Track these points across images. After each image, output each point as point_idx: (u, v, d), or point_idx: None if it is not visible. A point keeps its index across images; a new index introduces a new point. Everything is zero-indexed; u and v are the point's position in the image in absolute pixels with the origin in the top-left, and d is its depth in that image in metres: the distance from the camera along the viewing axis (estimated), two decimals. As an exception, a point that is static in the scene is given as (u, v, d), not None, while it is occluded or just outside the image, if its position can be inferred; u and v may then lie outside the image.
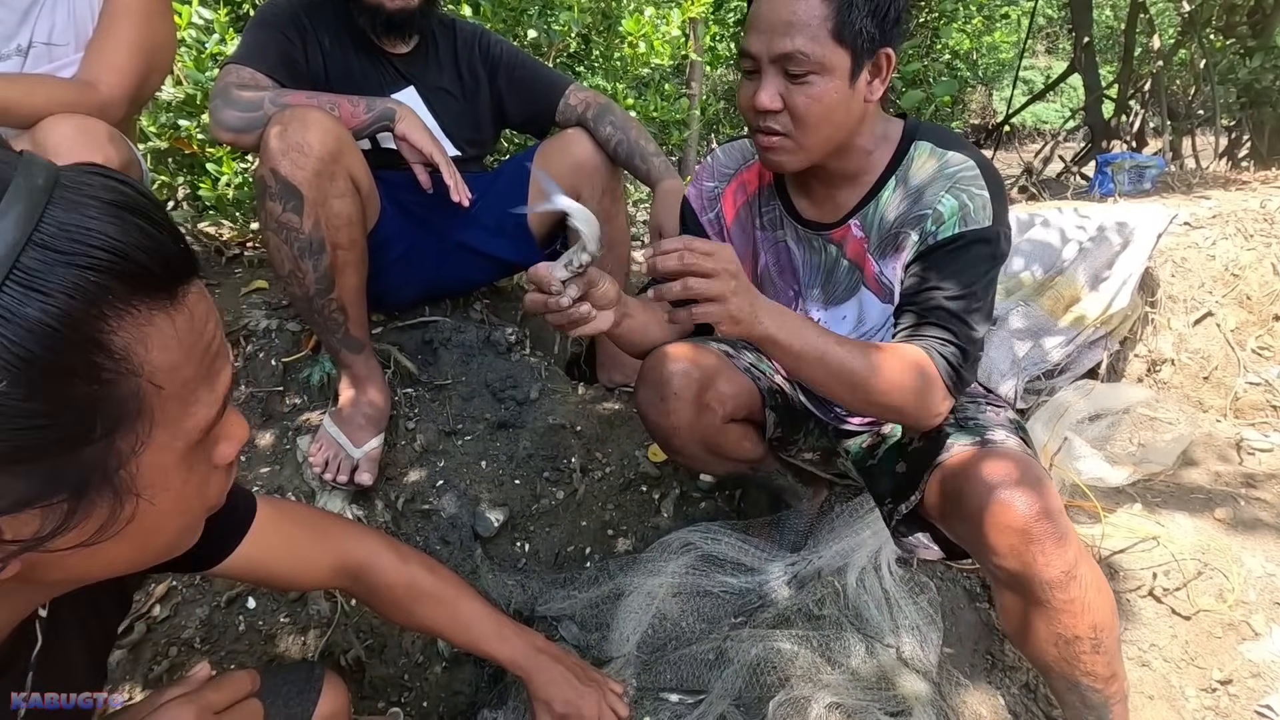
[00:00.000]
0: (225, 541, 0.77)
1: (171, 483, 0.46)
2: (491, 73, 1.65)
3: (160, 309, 0.42)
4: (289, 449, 1.49)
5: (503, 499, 1.49)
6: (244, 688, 0.60)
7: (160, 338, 0.42)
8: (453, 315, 1.79)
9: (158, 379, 0.42)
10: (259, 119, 1.28)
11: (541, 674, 0.98)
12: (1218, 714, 1.17)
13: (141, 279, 0.41)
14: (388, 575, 0.90)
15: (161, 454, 0.45)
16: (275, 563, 0.82)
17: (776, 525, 1.44)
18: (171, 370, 0.43)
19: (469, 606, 0.96)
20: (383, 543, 0.93)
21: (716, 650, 1.25)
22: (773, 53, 0.94)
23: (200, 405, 0.46)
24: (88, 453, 0.41)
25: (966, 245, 0.97)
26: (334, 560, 0.87)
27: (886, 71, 0.97)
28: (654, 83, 3.20)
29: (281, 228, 1.25)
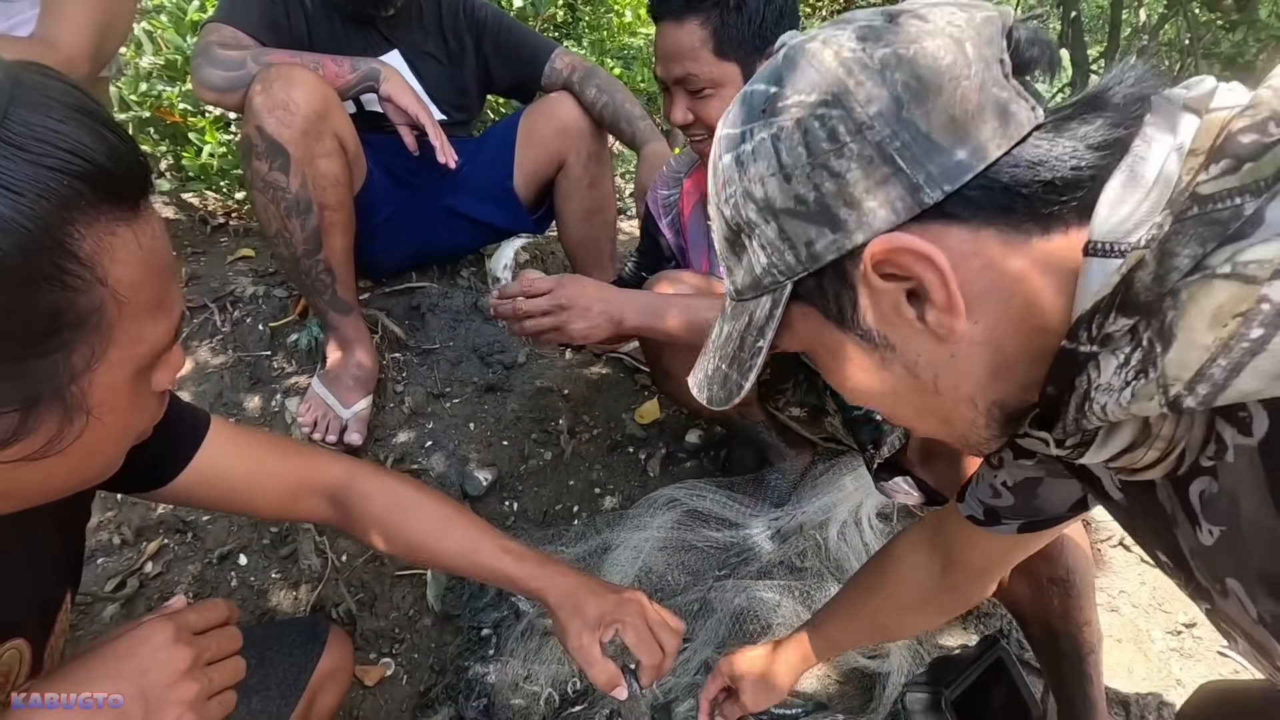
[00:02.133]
0: (176, 455, 0.73)
1: (119, 403, 0.46)
2: (477, 37, 1.64)
3: (124, 220, 0.42)
4: (278, 411, 1.50)
5: (491, 459, 1.51)
6: (221, 614, 0.60)
7: (124, 250, 0.42)
8: (440, 281, 1.80)
9: (120, 293, 0.42)
10: (242, 78, 1.27)
11: (560, 586, 0.80)
12: (1182, 655, 1.22)
13: (108, 187, 0.40)
14: (368, 490, 0.80)
15: (113, 372, 0.44)
16: (236, 480, 0.75)
17: (760, 483, 1.47)
18: (133, 286, 0.43)
19: (464, 521, 0.83)
20: (359, 462, 0.85)
21: (701, 601, 1.28)
22: (671, 76, 1.08)
23: (156, 327, 0.46)
24: (43, 364, 0.40)
25: None
26: (304, 477, 0.79)
27: None
28: (642, 54, 3.19)
29: (268, 186, 1.25)
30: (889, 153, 0.41)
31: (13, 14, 1.18)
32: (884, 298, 0.43)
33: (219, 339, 1.60)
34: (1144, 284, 0.36)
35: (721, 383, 0.54)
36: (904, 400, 0.48)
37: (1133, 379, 0.37)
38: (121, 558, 1.30)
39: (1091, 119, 0.42)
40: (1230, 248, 0.34)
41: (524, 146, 1.63)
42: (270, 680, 0.80)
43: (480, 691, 1.16)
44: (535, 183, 1.66)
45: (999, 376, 0.44)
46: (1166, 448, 0.41)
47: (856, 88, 0.42)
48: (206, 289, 1.67)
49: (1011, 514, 0.65)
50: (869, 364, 0.47)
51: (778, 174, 0.44)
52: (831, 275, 0.45)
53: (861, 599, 0.86)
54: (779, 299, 0.47)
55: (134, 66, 2.08)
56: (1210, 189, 0.35)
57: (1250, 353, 0.33)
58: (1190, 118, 0.40)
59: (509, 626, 1.24)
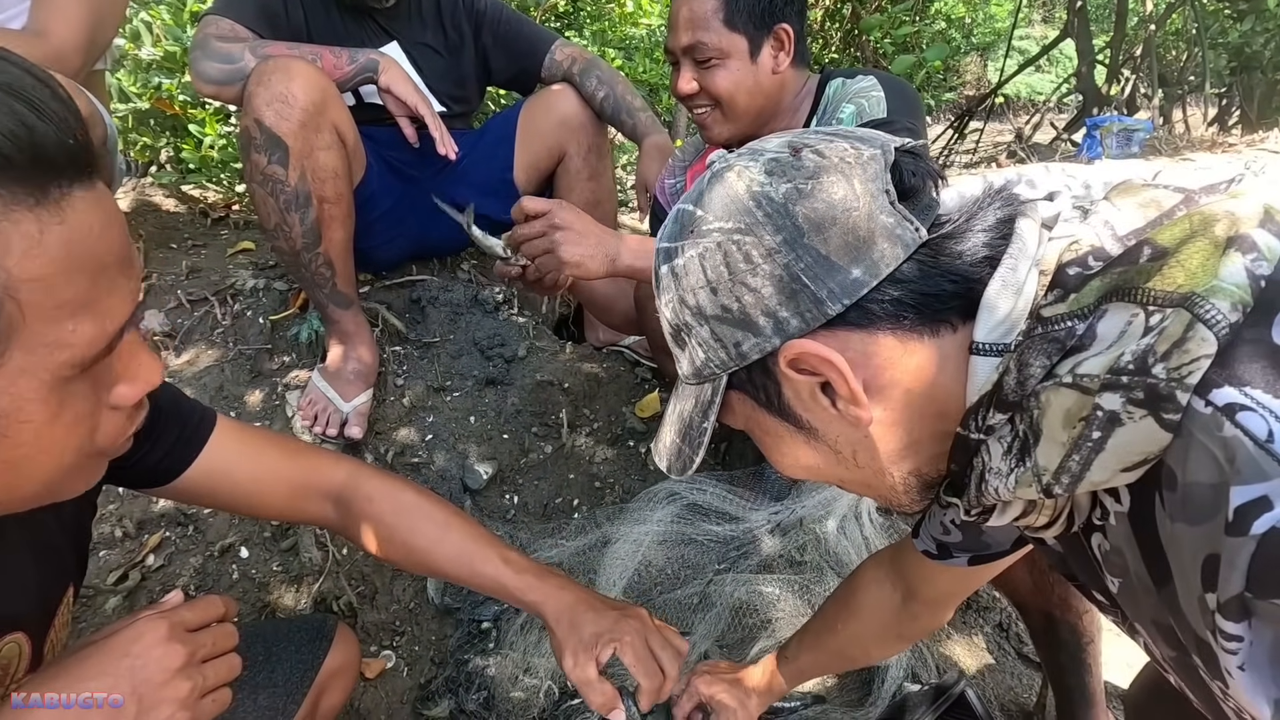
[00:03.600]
0: (181, 453, 0.72)
1: (32, 415, 0.41)
2: (476, 28, 1.63)
3: (24, 207, 0.37)
4: (278, 405, 1.50)
5: (491, 453, 1.51)
6: (217, 610, 0.59)
7: (23, 241, 0.37)
8: (440, 275, 1.80)
9: (18, 291, 0.37)
10: (240, 71, 1.27)
11: (558, 601, 0.78)
12: (1182, 649, 1.22)
13: (29, 167, 0.37)
14: (370, 492, 0.79)
15: (19, 380, 0.39)
16: (240, 479, 0.75)
17: (760, 477, 1.47)
18: (38, 283, 0.38)
19: (464, 527, 0.82)
20: (363, 465, 0.85)
21: (701, 594, 1.28)
22: (681, 46, 1.13)
23: (81, 332, 0.40)
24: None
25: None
26: (308, 477, 0.78)
27: (789, 44, 1.12)
28: (644, 45, 3.17)
29: (267, 180, 1.25)
30: (795, 272, 0.48)
31: (5, 7, 1.18)
32: (802, 389, 0.50)
33: (219, 332, 1.60)
34: (1011, 386, 0.44)
35: (676, 454, 0.59)
36: (831, 472, 0.55)
37: (1015, 466, 0.44)
38: (123, 550, 1.30)
39: (969, 237, 0.48)
40: (1071, 360, 0.41)
41: (524, 139, 1.62)
42: (277, 677, 0.80)
43: (480, 684, 1.16)
44: (535, 175, 1.65)
45: (909, 453, 0.52)
46: (1054, 514, 0.48)
47: (765, 220, 0.49)
48: (207, 282, 1.67)
49: (961, 549, 0.72)
50: (798, 442, 0.54)
51: (705, 286, 0.51)
52: (759, 370, 0.51)
53: (828, 630, 0.90)
54: (718, 387, 0.54)
55: (133, 58, 2.07)
56: (1049, 313, 0.43)
57: (1095, 450, 0.40)
58: (1044, 234, 0.47)
59: (509, 620, 1.25)
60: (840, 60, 4.34)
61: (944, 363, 0.48)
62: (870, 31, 3.91)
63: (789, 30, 1.12)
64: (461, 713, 1.14)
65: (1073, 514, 0.48)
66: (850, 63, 4.43)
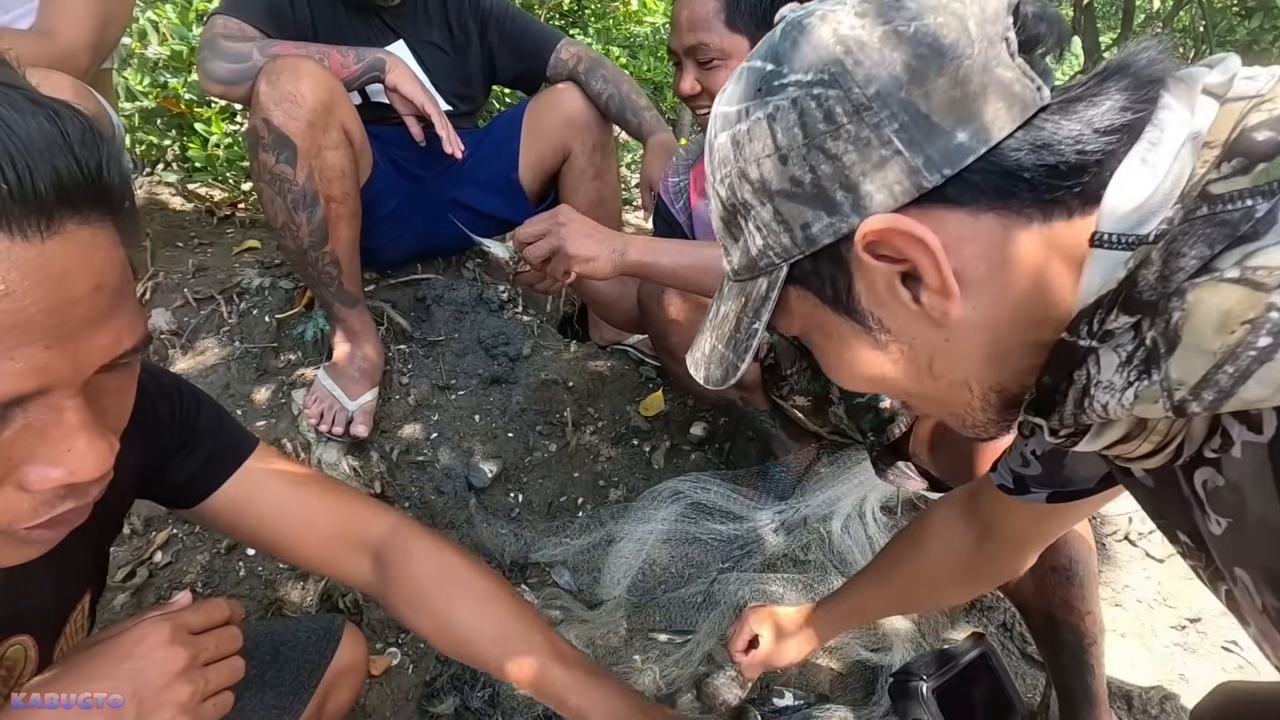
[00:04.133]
0: (211, 475, 0.68)
1: None
2: (482, 27, 1.63)
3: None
4: (284, 403, 1.51)
5: (496, 451, 1.52)
6: (222, 614, 0.58)
7: None
8: (445, 273, 1.80)
9: None
10: (248, 70, 1.27)
11: (610, 710, 0.68)
12: (1186, 650, 1.22)
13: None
14: (412, 550, 0.72)
15: None
16: (269, 512, 0.70)
17: (764, 476, 1.47)
18: None
19: (510, 606, 0.72)
20: (408, 519, 0.77)
21: (704, 593, 1.29)
22: (683, 46, 1.12)
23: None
24: None
25: None
26: (345, 524, 0.72)
27: None
28: (648, 44, 3.17)
29: (275, 179, 1.25)
30: (887, 135, 0.40)
31: (11, 7, 1.18)
32: (879, 280, 0.43)
33: (225, 331, 1.60)
34: (1149, 282, 0.36)
35: (718, 362, 0.52)
36: (900, 383, 0.47)
37: (1135, 379, 0.37)
38: (131, 547, 1.31)
39: (1100, 101, 0.40)
40: (1239, 250, 0.33)
41: (529, 137, 1.63)
42: (284, 677, 0.80)
43: (485, 681, 1.16)
44: (540, 174, 1.66)
45: (995, 363, 0.44)
46: (1162, 441, 0.41)
47: (854, 67, 0.41)
48: (213, 280, 1.68)
49: (1039, 483, 0.64)
50: (863, 347, 0.46)
51: (774, 155, 0.43)
52: (827, 258, 0.44)
53: (894, 569, 0.85)
54: (775, 281, 0.46)
55: (140, 57, 2.08)
56: (1221, 189, 0.34)
57: (1258, 361, 0.32)
58: (1209, 103, 0.38)
59: (514, 617, 1.25)
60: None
61: (1053, 255, 0.40)
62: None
63: None
64: (466, 710, 1.15)
65: (1183, 443, 0.41)
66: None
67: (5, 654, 0.54)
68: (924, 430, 1.07)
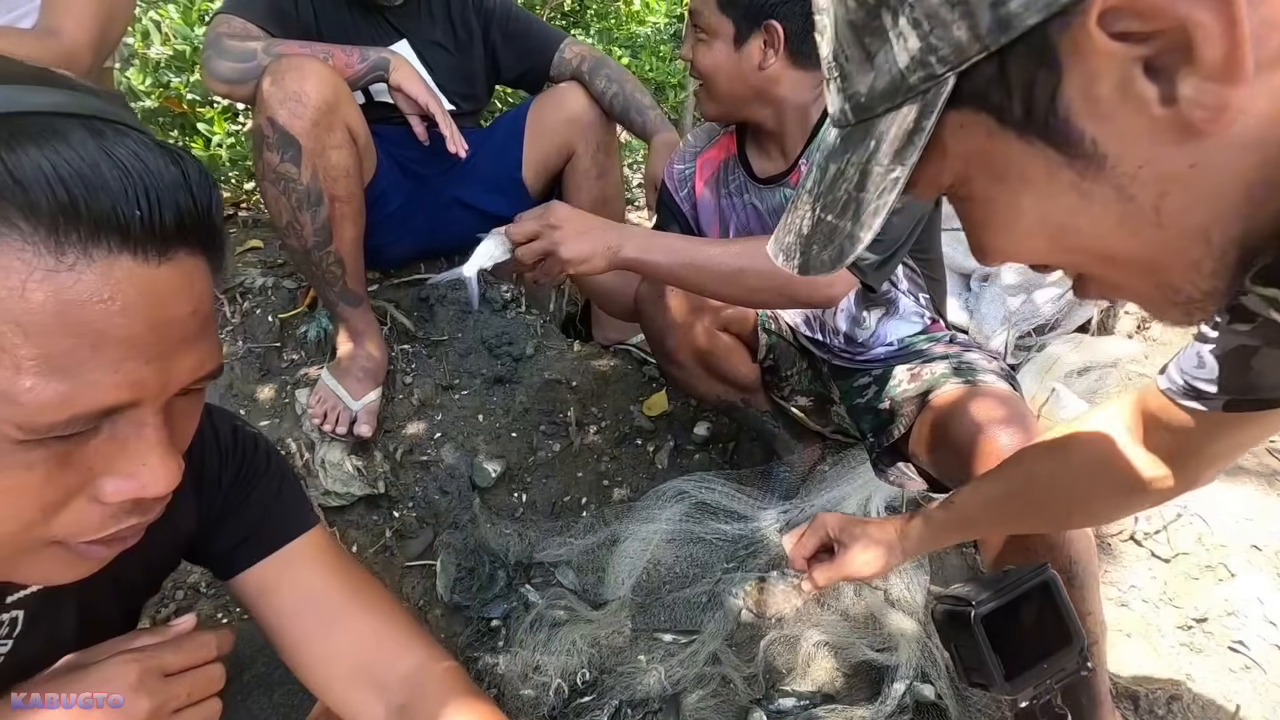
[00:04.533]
0: (245, 552, 0.63)
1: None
2: (485, 26, 1.63)
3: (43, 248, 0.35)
4: (288, 403, 1.51)
5: (500, 451, 1.51)
6: (206, 652, 0.54)
7: (17, 279, 0.34)
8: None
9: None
10: (253, 69, 1.27)
11: None
12: (1192, 650, 1.21)
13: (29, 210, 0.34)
14: (433, 701, 0.62)
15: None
16: (291, 608, 0.63)
17: (769, 476, 1.47)
18: (18, 327, 0.34)
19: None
20: (442, 660, 0.65)
21: (709, 593, 1.29)
22: (690, 11, 1.13)
23: (33, 394, 0.35)
24: None
25: None
26: (366, 652, 0.63)
27: (778, 42, 1.09)
28: (650, 44, 3.17)
29: (279, 178, 1.25)
30: None
31: (14, 6, 1.18)
32: (1108, 74, 0.30)
33: (228, 330, 1.60)
34: None
35: (826, 239, 0.40)
36: (1097, 242, 0.35)
37: None
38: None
39: None
40: None
41: (533, 137, 1.63)
42: (290, 674, 0.80)
43: (490, 682, 1.16)
44: (544, 173, 1.66)
45: (1253, 199, 0.31)
46: None
47: None
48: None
49: (1217, 388, 0.54)
50: (1059, 189, 0.33)
51: None
52: (1024, 53, 0.31)
53: (1027, 482, 0.73)
54: (932, 103, 0.34)
55: (142, 57, 2.08)
56: None
57: None
58: None
59: (518, 618, 1.25)
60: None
61: None
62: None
63: (779, 28, 1.08)
64: (471, 710, 1.15)
65: None
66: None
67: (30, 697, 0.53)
68: (923, 431, 1.07)
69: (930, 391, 1.06)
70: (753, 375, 1.34)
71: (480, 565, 1.35)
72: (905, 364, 1.17)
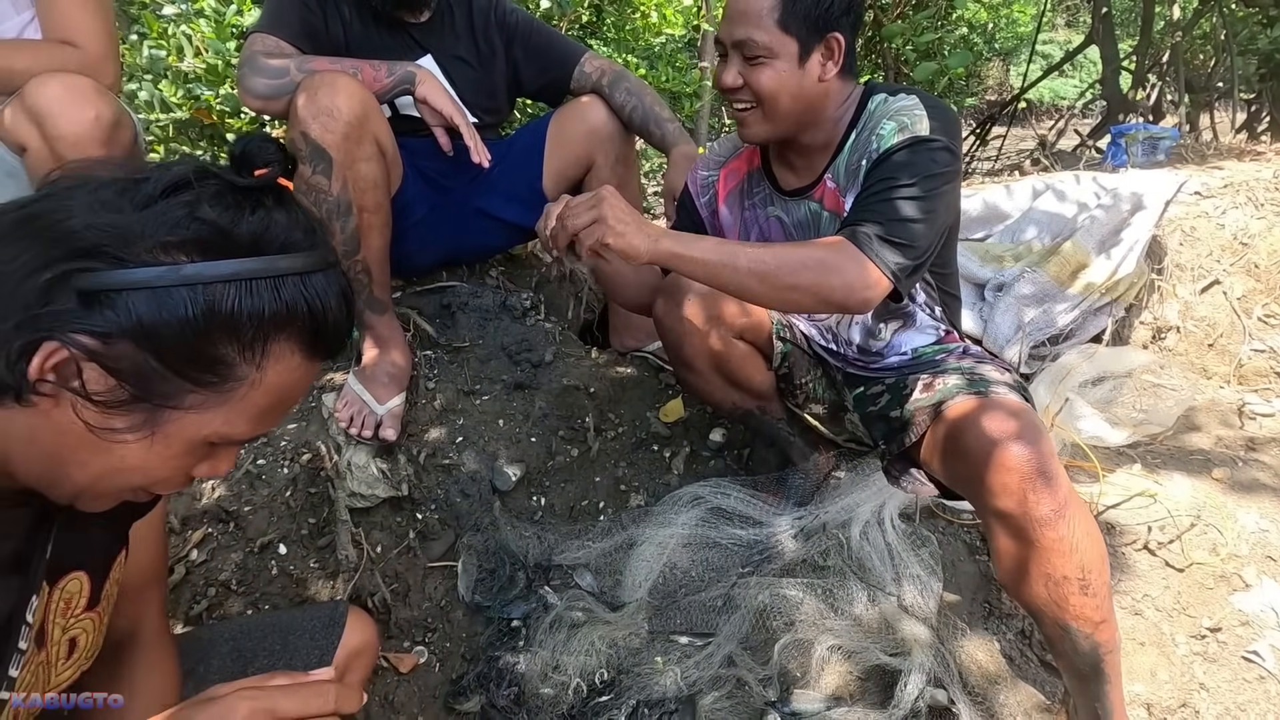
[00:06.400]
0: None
1: (170, 448, 0.55)
2: (507, 41, 1.67)
3: (303, 356, 0.57)
4: (314, 407, 1.55)
5: (519, 455, 1.55)
6: (324, 704, 0.52)
7: (285, 370, 0.56)
8: (469, 281, 1.84)
9: (255, 386, 0.55)
10: (286, 85, 1.32)
11: None
12: (1206, 659, 1.22)
13: (315, 336, 0.57)
14: None
15: (192, 426, 0.54)
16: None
17: (783, 482, 1.49)
18: (266, 392, 0.55)
19: None
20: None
21: (725, 597, 1.31)
22: (731, 39, 1.11)
23: (243, 427, 0.56)
24: (176, 382, 0.52)
25: (901, 149, 1.07)
26: None
27: (838, 54, 1.11)
28: (666, 54, 3.21)
29: (311, 190, 1.30)
30: None
31: (4, 18, 1.19)
32: None
33: (258, 336, 1.65)
34: None
35: None
36: None
37: None
38: (168, 545, 1.35)
39: None
40: None
41: (553, 149, 1.66)
42: (295, 664, 0.84)
43: (510, 680, 1.19)
44: (564, 184, 1.69)
45: None
46: None
47: None
48: (246, 287, 1.73)
49: None
50: None
51: None
52: None
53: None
54: None
55: (174, 70, 2.14)
56: None
57: None
58: None
59: (538, 619, 1.28)
60: (861, 68, 4.34)
61: None
62: (892, 39, 3.91)
63: (840, 40, 1.10)
64: (492, 708, 1.18)
65: None
66: (871, 70, 4.43)
67: (66, 586, 0.63)
68: (935, 441, 1.08)
69: (943, 402, 1.07)
70: (768, 383, 1.37)
71: (501, 567, 1.38)
72: (919, 374, 1.19)
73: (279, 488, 1.43)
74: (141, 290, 0.49)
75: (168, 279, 0.50)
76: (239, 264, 0.52)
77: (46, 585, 0.61)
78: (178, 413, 0.53)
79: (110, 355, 0.50)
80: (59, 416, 0.51)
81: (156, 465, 0.55)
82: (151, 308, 0.49)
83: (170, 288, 0.50)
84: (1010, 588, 1.02)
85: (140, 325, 0.49)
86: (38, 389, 0.49)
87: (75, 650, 0.65)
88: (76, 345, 0.49)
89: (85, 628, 0.66)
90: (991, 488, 0.94)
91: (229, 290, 0.51)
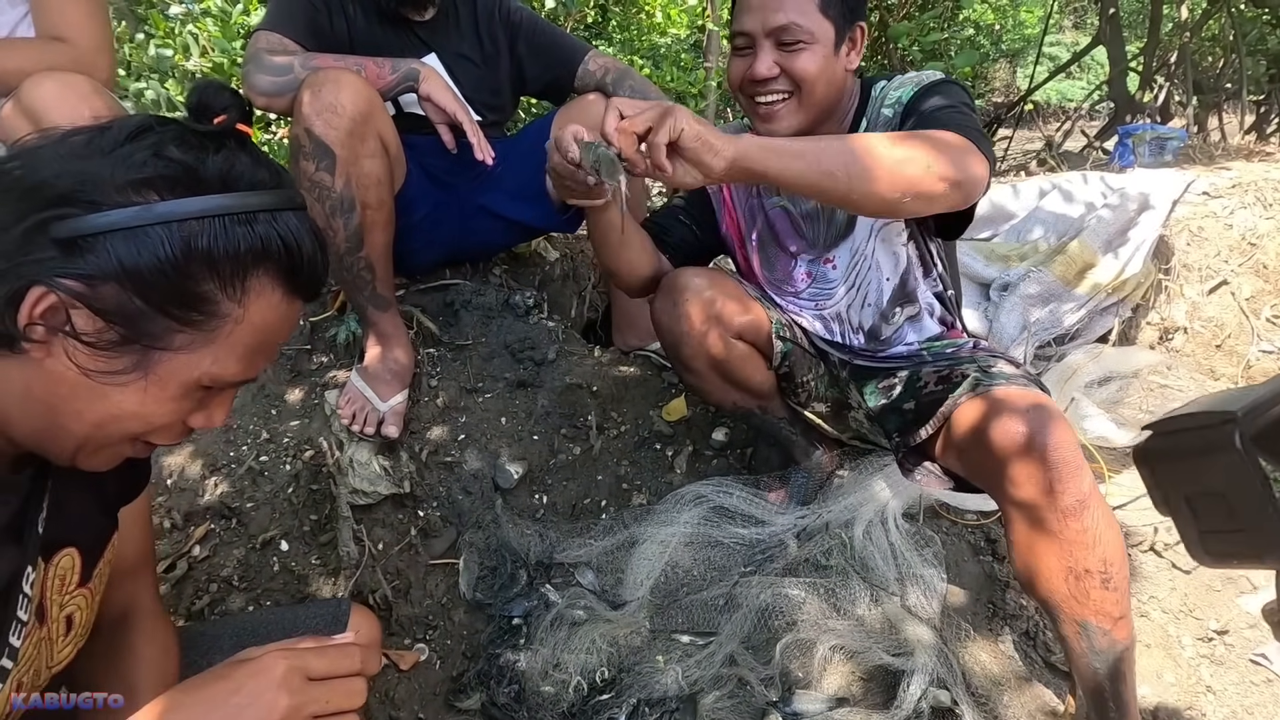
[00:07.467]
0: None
1: (165, 391, 0.56)
2: (511, 38, 1.67)
3: (285, 296, 0.58)
4: (317, 403, 1.55)
5: (522, 453, 1.54)
6: (350, 664, 0.56)
7: (267, 306, 0.57)
8: (472, 279, 1.84)
9: (239, 323, 0.56)
10: (290, 82, 1.32)
11: None
12: (1213, 661, 1.21)
13: (295, 272, 0.58)
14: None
15: (183, 368, 0.55)
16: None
17: (786, 481, 1.48)
18: (251, 329, 0.56)
19: None
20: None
21: (727, 596, 1.30)
22: (767, 27, 1.09)
23: (233, 368, 0.57)
24: (164, 321, 0.53)
25: (928, 91, 1.10)
26: None
27: (860, 43, 1.14)
28: (670, 53, 3.20)
29: (314, 186, 1.30)
30: None
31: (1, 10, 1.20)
32: None
33: (262, 333, 1.65)
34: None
35: None
36: None
37: None
38: (171, 541, 1.36)
39: None
40: None
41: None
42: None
43: (511, 678, 1.19)
44: (567, 183, 1.69)
45: None
46: None
47: None
48: (250, 284, 1.73)
49: None
50: None
51: None
52: None
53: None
54: None
55: (180, 69, 2.15)
56: None
57: None
58: None
59: (539, 616, 1.28)
60: (868, 68, 4.34)
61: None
62: (899, 39, 3.90)
63: (863, 29, 1.14)
64: (493, 705, 1.17)
65: None
66: (877, 70, 4.43)
67: (60, 562, 0.65)
68: (953, 433, 1.08)
69: (959, 393, 1.07)
70: (768, 383, 1.36)
71: (502, 564, 1.38)
72: (933, 366, 1.18)
73: (281, 484, 1.43)
74: (119, 232, 0.51)
75: (142, 219, 0.51)
76: (210, 200, 0.53)
77: (42, 561, 0.62)
78: (168, 354, 0.54)
79: (96, 297, 0.51)
80: (52, 365, 0.52)
81: (152, 409, 0.56)
82: (130, 249, 0.51)
83: (146, 227, 0.51)
84: (1028, 582, 1.00)
85: (121, 266, 0.51)
86: (29, 335, 0.50)
87: (72, 627, 0.67)
88: (63, 289, 0.50)
89: (79, 604, 0.67)
90: (1015, 477, 0.93)
91: (204, 227, 0.52)
